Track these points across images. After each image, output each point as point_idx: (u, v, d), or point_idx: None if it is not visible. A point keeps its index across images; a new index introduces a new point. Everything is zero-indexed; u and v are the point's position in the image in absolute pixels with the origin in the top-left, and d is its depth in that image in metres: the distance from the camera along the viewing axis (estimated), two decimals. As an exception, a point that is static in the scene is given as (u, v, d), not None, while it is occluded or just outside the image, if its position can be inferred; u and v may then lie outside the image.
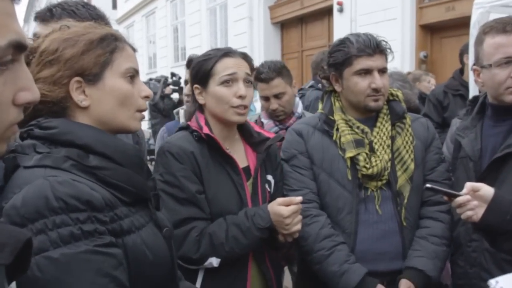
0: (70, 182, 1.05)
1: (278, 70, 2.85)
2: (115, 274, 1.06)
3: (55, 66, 1.19)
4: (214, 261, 1.80)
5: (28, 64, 1.19)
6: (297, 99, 3.09)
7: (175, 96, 8.05)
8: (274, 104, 2.84)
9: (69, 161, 1.12)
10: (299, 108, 3.01)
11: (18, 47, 0.70)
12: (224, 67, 1.87)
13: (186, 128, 1.94)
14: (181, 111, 2.92)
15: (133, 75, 1.30)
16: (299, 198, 1.83)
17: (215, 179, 1.86)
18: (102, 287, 1.03)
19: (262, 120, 2.97)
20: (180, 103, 8.03)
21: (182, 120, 2.88)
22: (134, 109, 1.30)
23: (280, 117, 2.91)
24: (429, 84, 5.41)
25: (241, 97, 1.86)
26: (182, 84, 7.58)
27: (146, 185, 1.26)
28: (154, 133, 7.95)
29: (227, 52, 1.91)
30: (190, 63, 2.82)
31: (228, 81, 1.87)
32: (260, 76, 2.81)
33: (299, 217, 1.84)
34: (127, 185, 1.18)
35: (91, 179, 1.12)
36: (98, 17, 1.80)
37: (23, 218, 1.00)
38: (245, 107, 1.88)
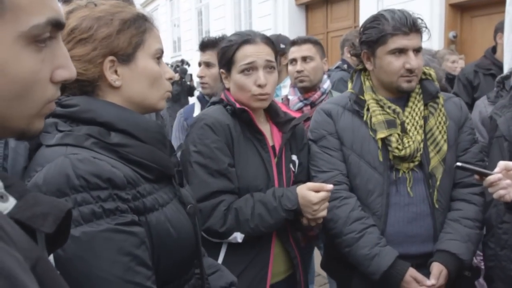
0: (90, 160, 1.05)
1: (311, 38, 3.05)
2: (136, 253, 1.05)
3: (90, 45, 1.19)
4: (238, 236, 1.82)
5: None
6: (325, 76, 3.11)
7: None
8: (299, 66, 2.91)
9: (91, 139, 1.12)
10: (326, 84, 3.01)
11: (56, 24, 0.70)
12: (243, 55, 1.87)
13: (218, 102, 1.95)
14: (196, 92, 2.96)
15: (160, 56, 1.30)
16: (330, 186, 1.81)
17: (244, 154, 1.86)
18: (124, 265, 1.03)
19: (289, 97, 2.99)
20: (191, 89, 8.22)
21: (196, 102, 2.94)
22: (164, 90, 1.32)
23: (304, 83, 2.92)
24: (453, 64, 5.25)
25: (260, 86, 1.85)
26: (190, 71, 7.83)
27: (169, 162, 1.25)
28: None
29: (247, 39, 1.88)
30: (203, 45, 2.89)
31: (247, 70, 1.86)
32: (294, 40, 2.99)
33: (326, 203, 1.83)
34: (150, 162, 1.17)
35: (113, 157, 1.12)
36: None
37: None
38: (266, 94, 1.87)
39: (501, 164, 1.67)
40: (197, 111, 2.84)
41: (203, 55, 2.86)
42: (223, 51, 1.93)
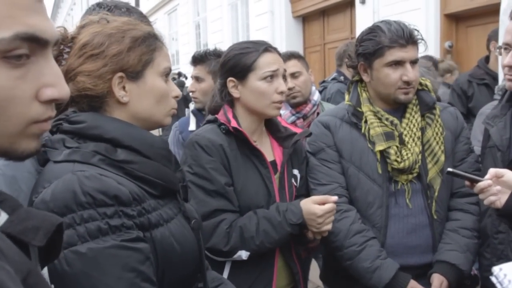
0: (97, 177, 1.07)
1: (294, 53, 3.05)
2: (141, 269, 1.07)
3: (100, 61, 1.20)
4: (243, 254, 1.81)
5: (60, 54, 1.19)
6: (314, 87, 3.12)
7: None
8: (290, 83, 2.88)
9: (97, 155, 1.13)
10: (316, 96, 3.03)
11: (33, 40, 0.68)
12: (267, 62, 1.87)
13: (213, 121, 1.94)
14: (191, 105, 2.95)
15: (168, 74, 1.32)
16: (335, 198, 1.82)
17: (243, 172, 1.86)
18: (129, 281, 1.04)
19: (280, 111, 2.97)
20: (186, 101, 8.22)
21: (191, 116, 2.91)
22: (170, 107, 1.33)
23: (297, 99, 2.93)
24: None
25: (282, 93, 1.88)
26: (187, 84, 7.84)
27: (174, 177, 1.27)
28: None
29: (268, 47, 1.90)
30: (194, 59, 2.89)
31: (271, 77, 1.87)
32: None
33: (332, 217, 1.83)
34: (155, 178, 1.19)
35: (119, 173, 1.13)
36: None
37: (52, 213, 0.99)
38: (282, 102, 1.93)
39: (492, 171, 1.67)
40: (192, 125, 2.83)
41: (194, 70, 2.89)
42: (237, 59, 1.89)
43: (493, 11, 4.92)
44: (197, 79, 2.84)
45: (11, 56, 0.66)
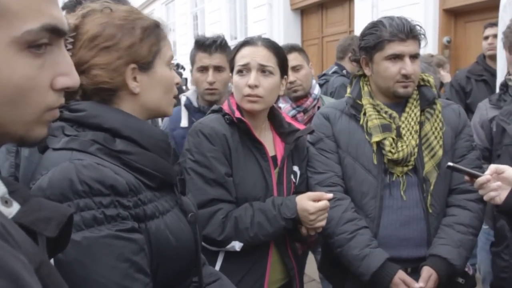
0: (94, 166, 1.06)
1: (295, 46, 3.02)
2: (135, 260, 1.07)
3: (115, 53, 1.20)
4: (236, 245, 1.82)
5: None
6: (314, 81, 3.10)
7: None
8: (291, 76, 2.82)
9: (96, 144, 1.13)
10: (316, 90, 3.01)
11: (54, 31, 0.70)
12: (240, 56, 1.90)
13: (218, 110, 1.95)
14: (183, 97, 2.83)
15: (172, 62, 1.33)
16: (330, 195, 1.83)
17: (243, 163, 1.86)
18: (122, 271, 1.04)
19: (280, 105, 2.96)
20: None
21: (183, 110, 2.73)
22: (173, 95, 1.34)
23: (298, 93, 2.91)
24: (448, 74, 5.33)
25: (250, 86, 1.85)
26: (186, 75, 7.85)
27: (172, 170, 1.26)
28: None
29: (247, 41, 1.92)
30: (217, 47, 2.62)
31: (241, 71, 1.88)
32: None
33: (325, 214, 1.83)
34: (153, 170, 1.18)
35: (117, 163, 1.13)
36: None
37: (48, 200, 1.00)
38: (257, 96, 1.87)
39: (492, 167, 1.68)
40: (184, 121, 2.68)
41: (211, 58, 2.63)
42: (231, 54, 1.97)
43: (492, 7, 4.92)
44: (218, 68, 2.61)
45: (34, 46, 0.68)
